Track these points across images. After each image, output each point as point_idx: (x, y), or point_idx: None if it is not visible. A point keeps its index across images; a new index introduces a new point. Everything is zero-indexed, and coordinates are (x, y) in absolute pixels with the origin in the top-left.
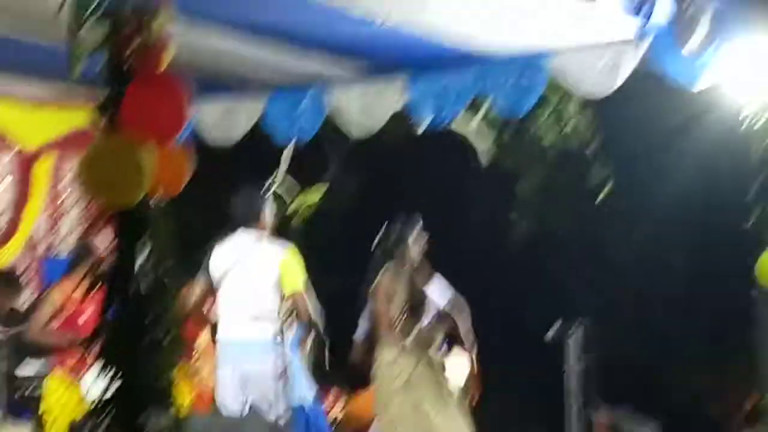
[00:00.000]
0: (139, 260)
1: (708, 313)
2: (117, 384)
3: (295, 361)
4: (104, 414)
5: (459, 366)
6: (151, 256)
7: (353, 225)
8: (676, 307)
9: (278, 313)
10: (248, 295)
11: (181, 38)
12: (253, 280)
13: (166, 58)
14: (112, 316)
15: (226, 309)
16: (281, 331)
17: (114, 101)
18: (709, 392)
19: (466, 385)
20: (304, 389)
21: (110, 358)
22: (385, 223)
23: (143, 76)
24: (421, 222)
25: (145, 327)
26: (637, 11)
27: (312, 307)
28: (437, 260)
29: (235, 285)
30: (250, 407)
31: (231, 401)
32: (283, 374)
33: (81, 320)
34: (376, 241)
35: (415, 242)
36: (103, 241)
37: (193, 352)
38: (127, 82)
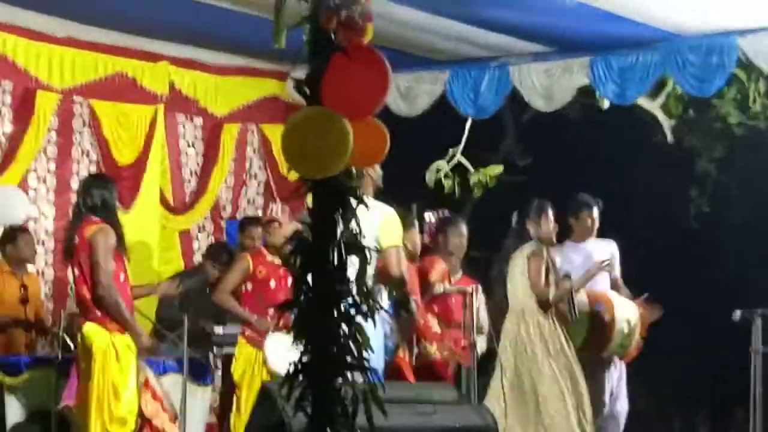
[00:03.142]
0: (338, 229)
1: None
2: (311, 350)
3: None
4: (300, 379)
5: (627, 307)
6: (347, 225)
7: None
8: None
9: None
10: None
11: (375, 7)
12: None
13: (369, 31)
14: (310, 284)
15: None
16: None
17: (317, 73)
18: None
19: (635, 324)
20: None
21: (307, 325)
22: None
23: (347, 49)
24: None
25: (340, 295)
26: None
27: (402, 264)
28: (616, 235)
29: None
30: None
31: None
32: None
33: (272, 284)
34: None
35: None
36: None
37: None
38: (330, 54)
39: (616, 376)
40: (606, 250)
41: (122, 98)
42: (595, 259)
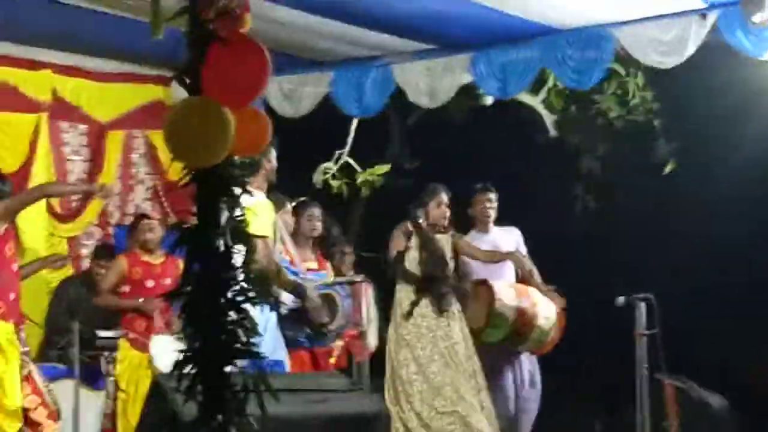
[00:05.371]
0: (223, 217)
1: None
2: (202, 338)
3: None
4: (189, 368)
5: (548, 305)
6: (234, 213)
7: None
8: (742, 282)
9: None
10: None
11: (254, 9)
12: None
13: (247, 21)
14: (196, 272)
15: None
16: None
17: (196, 63)
18: None
19: (553, 322)
20: (269, 345)
21: (195, 312)
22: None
23: (225, 39)
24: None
25: (228, 281)
26: None
27: (266, 254)
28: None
29: None
30: None
31: None
32: None
33: (149, 284)
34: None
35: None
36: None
37: None
38: (208, 44)
39: (526, 366)
40: (510, 237)
41: (4, 107)
42: (500, 247)
